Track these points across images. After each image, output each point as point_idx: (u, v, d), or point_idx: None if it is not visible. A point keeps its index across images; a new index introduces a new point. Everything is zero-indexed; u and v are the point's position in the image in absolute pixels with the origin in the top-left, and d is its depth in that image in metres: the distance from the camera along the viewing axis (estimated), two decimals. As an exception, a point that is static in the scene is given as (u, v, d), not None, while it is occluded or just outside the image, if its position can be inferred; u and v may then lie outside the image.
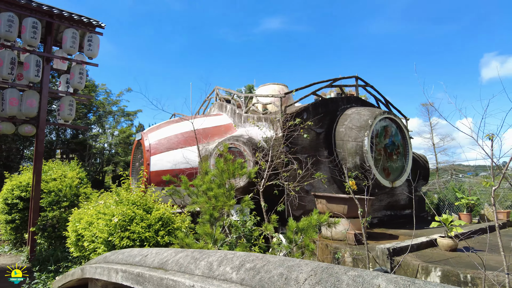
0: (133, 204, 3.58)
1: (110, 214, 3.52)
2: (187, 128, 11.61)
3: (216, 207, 3.53)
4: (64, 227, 6.04)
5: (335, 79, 11.26)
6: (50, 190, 6.77)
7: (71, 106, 6.55)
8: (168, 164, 10.64)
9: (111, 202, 3.74)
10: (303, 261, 1.35)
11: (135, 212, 3.48)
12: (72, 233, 3.96)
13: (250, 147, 9.01)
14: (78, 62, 6.64)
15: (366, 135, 9.83)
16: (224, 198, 3.60)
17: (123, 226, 3.39)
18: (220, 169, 3.73)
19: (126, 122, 21.36)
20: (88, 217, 3.79)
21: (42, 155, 6.27)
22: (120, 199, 3.70)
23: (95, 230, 3.52)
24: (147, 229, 3.38)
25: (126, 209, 3.45)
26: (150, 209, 3.59)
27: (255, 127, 10.63)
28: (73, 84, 6.48)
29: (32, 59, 6.04)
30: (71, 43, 6.29)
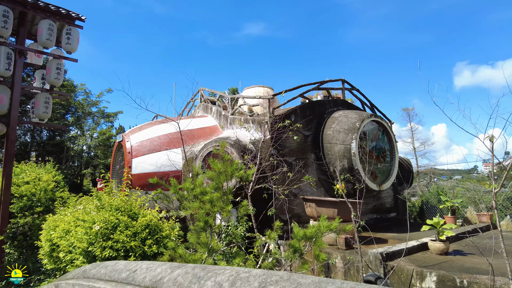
0: (117, 210, 3.20)
1: (90, 221, 3.14)
2: (170, 129, 11.20)
3: (212, 212, 3.21)
4: (37, 235, 5.55)
5: (322, 82, 11.15)
6: (22, 194, 6.25)
7: (47, 104, 6.08)
8: (151, 166, 10.19)
9: (92, 208, 3.35)
10: (342, 282, 1.08)
11: (119, 218, 3.11)
12: (45, 242, 3.54)
13: (238, 149, 8.72)
14: (55, 56, 6.19)
15: (354, 138, 9.73)
16: (220, 202, 3.29)
17: (105, 234, 3.02)
18: (217, 171, 3.42)
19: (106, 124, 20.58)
20: (65, 224, 3.38)
21: (13, 157, 5.77)
22: (101, 204, 3.31)
23: (72, 239, 3.14)
24: (133, 237, 3.01)
25: (109, 215, 3.07)
26: (136, 215, 3.22)
27: (242, 129, 10.35)
28: (49, 80, 6.02)
29: (2, 51, 5.55)
30: (47, 35, 5.84)
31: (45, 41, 5.76)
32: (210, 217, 3.17)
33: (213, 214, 3.25)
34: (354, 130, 9.82)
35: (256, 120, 9.85)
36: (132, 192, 3.91)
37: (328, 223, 3.16)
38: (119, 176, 11.49)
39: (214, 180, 3.48)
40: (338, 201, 7.97)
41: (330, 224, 3.10)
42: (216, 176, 3.46)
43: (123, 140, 10.84)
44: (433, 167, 27.09)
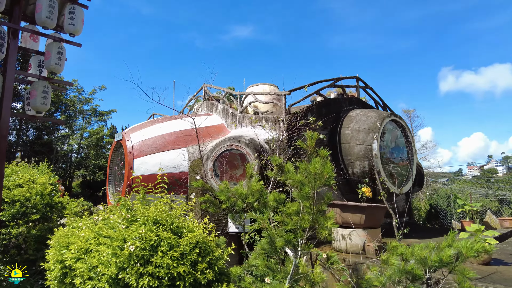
0: (155, 223, 2.42)
1: (119, 238, 2.35)
2: (174, 128, 10.36)
3: (303, 229, 2.46)
4: (33, 248, 4.68)
5: (337, 79, 10.52)
6: (14, 199, 5.34)
7: (46, 93, 5.22)
8: (154, 168, 9.32)
9: (118, 220, 2.55)
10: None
11: (160, 235, 2.33)
12: (55, 264, 2.71)
13: (254, 149, 7.97)
14: (56, 39, 5.34)
15: (375, 138, 9.10)
16: (315, 215, 2.53)
17: (143, 257, 2.24)
18: (313, 173, 2.65)
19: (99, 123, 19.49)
20: (82, 241, 2.58)
21: (4, 155, 4.89)
22: (132, 215, 2.52)
23: (94, 261, 2.35)
24: (180, 260, 2.24)
25: (146, 230, 2.30)
26: (180, 230, 2.44)
27: (252, 128, 9.60)
28: (49, 66, 5.17)
29: (-6, 30, 4.68)
30: (48, 13, 5.00)
31: (45, 19, 4.91)
32: (297, 234, 2.42)
33: (300, 231, 2.50)
34: (375, 129, 9.19)
35: (270, 118, 9.12)
36: (166, 198, 3.10)
37: (471, 242, 2.46)
38: (118, 178, 10.58)
39: (305, 186, 2.70)
40: (366, 206, 7.31)
41: (472, 244, 2.41)
42: (312, 180, 2.68)
43: (123, 139, 9.95)
44: (432, 170, 26.82)
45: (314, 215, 2.55)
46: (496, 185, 27.89)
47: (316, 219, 2.53)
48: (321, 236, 2.56)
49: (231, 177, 7.92)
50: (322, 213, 2.69)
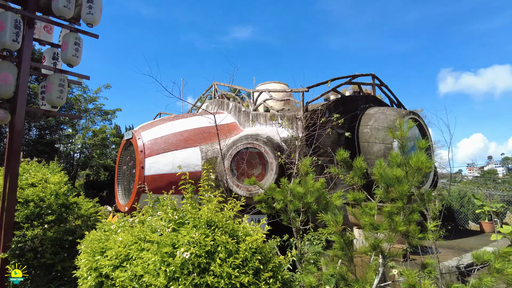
0: (209, 226, 2.11)
1: (167, 243, 2.04)
2: (186, 126, 10.06)
3: (392, 232, 2.15)
4: (50, 250, 4.36)
5: (353, 76, 10.22)
6: (27, 199, 5.03)
7: (62, 87, 4.92)
8: (166, 167, 9.02)
9: (161, 222, 2.24)
10: None
11: (217, 239, 2.02)
12: (88, 271, 2.39)
13: (272, 148, 7.66)
14: (73, 29, 5.03)
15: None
16: (407, 217, 2.21)
17: (199, 265, 1.93)
18: (414, 166, 2.33)
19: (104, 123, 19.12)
20: (120, 246, 2.27)
21: (19, 152, 4.59)
22: (180, 217, 2.21)
23: (138, 270, 2.04)
24: (242, 269, 1.94)
25: (199, 234, 1.99)
26: (235, 233, 2.13)
27: (266, 126, 9.30)
28: (66, 57, 4.86)
29: (9, 17, 4.38)
30: (65, 2, 4.69)
31: (62, 9, 4.61)
32: (378, 240, 2.15)
33: (391, 235, 2.20)
34: (394, 127, 8.89)
35: (287, 116, 8.82)
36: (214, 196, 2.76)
37: None
38: (127, 178, 10.26)
39: (399, 182, 2.39)
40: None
41: None
42: (412, 174, 2.36)
43: (133, 137, 9.64)
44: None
45: (406, 218, 2.23)
46: (503, 185, 27.58)
47: (409, 221, 2.21)
48: (413, 242, 2.25)
49: (249, 177, 7.61)
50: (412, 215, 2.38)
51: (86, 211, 5.43)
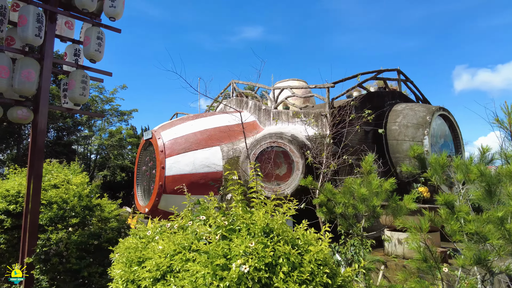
0: (266, 234, 1.82)
1: (218, 253, 1.77)
2: (206, 125, 9.82)
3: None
4: (75, 255, 4.14)
5: (379, 71, 9.79)
6: (50, 201, 4.85)
7: (85, 83, 4.71)
8: (187, 167, 8.80)
9: (207, 228, 1.96)
10: None
11: (278, 250, 1.74)
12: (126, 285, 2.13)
13: (298, 147, 7.33)
14: (96, 23, 4.81)
15: (425, 134, 8.37)
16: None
17: (259, 279, 1.65)
18: None
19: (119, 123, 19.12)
20: (161, 256, 2.01)
21: (42, 152, 4.40)
22: (231, 223, 1.92)
23: (186, 284, 1.77)
24: (308, 284, 1.65)
25: (257, 243, 1.70)
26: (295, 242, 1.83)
27: (289, 124, 8.98)
28: (88, 52, 4.65)
29: (31, 11, 4.19)
30: (88, -5, 4.47)
31: (85, 1, 4.40)
32: (485, 252, 1.84)
33: (504, 247, 1.89)
34: (425, 124, 8.45)
35: (311, 113, 8.47)
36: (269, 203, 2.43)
37: None
38: (146, 179, 10.09)
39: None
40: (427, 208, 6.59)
41: None
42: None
43: (153, 137, 9.45)
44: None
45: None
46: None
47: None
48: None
49: (274, 177, 7.31)
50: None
51: (109, 213, 5.22)
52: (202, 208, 2.41)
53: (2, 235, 4.78)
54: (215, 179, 8.91)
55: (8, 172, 6.18)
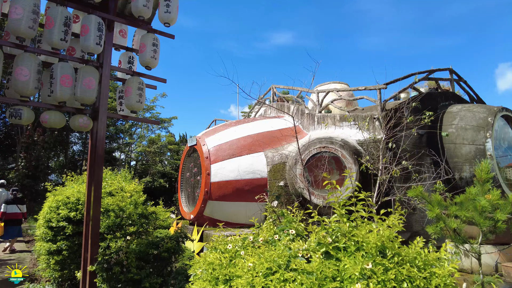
0: (382, 254, 1.58)
1: (325, 275, 1.55)
2: (249, 131, 9.69)
3: None
4: (135, 264, 4.07)
5: (430, 71, 9.22)
6: (107, 208, 4.85)
7: (141, 90, 4.70)
8: (232, 173, 8.68)
9: (302, 245, 1.74)
10: None
11: (402, 272, 1.50)
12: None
13: (350, 152, 6.97)
14: (150, 30, 4.79)
15: (488, 136, 7.70)
16: None
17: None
18: None
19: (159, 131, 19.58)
20: (252, 274, 1.82)
21: (102, 160, 4.39)
22: (335, 240, 1.69)
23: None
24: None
25: (374, 264, 1.46)
26: (414, 262, 1.58)
27: (337, 128, 8.62)
28: (144, 59, 4.63)
29: (93, 20, 4.22)
30: (144, 1, 4.47)
31: (142, 8, 4.37)
32: None
33: None
34: (486, 126, 7.79)
35: (361, 116, 8.08)
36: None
37: None
38: (191, 185, 10.09)
39: None
40: (499, 219, 6.00)
41: None
42: None
43: (197, 143, 9.45)
44: None
45: None
46: None
47: None
48: None
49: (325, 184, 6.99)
50: None
51: (164, 221, 5.16)
52: (288, 221, 2.19)
53: (64, 242, 4.84)
54: (260, 185, 8.72)
55: (66, 180, 6.32)
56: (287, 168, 7.86)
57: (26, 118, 4.11)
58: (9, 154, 21.99)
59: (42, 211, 5.35)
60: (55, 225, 4.88)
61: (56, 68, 4.16)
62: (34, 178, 16.04)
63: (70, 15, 4.17)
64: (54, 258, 4.88)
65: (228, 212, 8.70)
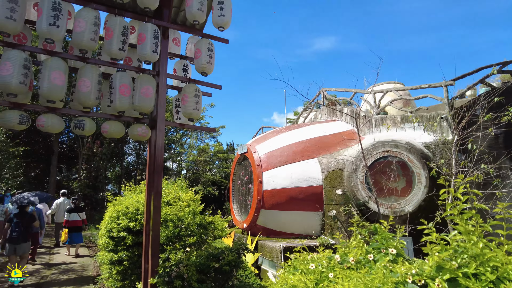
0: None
1: None
2: (301, 136, 9.34)
3: None
4: (196, 278, 3.88)
5: (504, 63, 8.22)
6: (166, 218, 4.77)
7: (197, 97, 4.59)
8: (284, 181, 8.36)
9: (412, 268, 1.41)
10: None
11: None
12: None
13: (418, 156, 6.33)
14: (205, 35, 4.67)
15: None
16: None
17: None
18: None
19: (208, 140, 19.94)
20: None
21: (161, 169, 4.30)
22: (463, 258, 1.32)
23: None
24: None
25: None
26: None
27: (398, 130, 7.95)
28: (200, 65, 4.52)
29: (149, 28, 4.18)
30: (199, 4, 4.36)
31: (196, 12, 4.26)
32: None
33: None
34: None
35: (425, 116, 7.37)
36: None
37: None
38: (242, 193, 9.93)
39: None
40: None
41: None
42: None
43: (248, 151, 9.28)
44: None
45: None
46: None
47: None
48: None
49: (389, 191, 6.41)
50: None
51: (222, 231, 4.97)
52: (383, 238, 1.82)
53: (125, 252, 4.84)
54: (314, 193, 8.30)
55: (124, 190, 6.43)
56: (345, 175, 7.37)
57: (88, 129, 4.14)
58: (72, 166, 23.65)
59: (103, 221, 5.44)
60: (116, 235, 4.90)
61: (115, 77, 4.16)
62: (94, 188, 16.99)
63: (127, 25, 4.17)
64: (116, 268, 4.89)
65: (282, 221, 8.37)
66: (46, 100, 3.79)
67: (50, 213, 11.70)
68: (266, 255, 7.45)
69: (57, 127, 3.98)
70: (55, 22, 3.60)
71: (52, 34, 3.62)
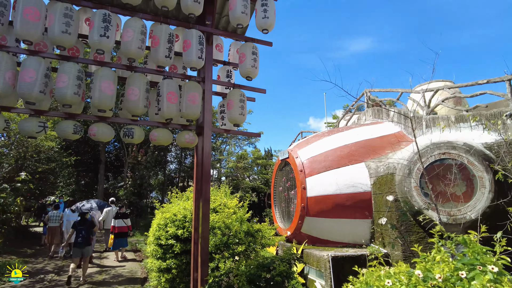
0: None
1: None
2: (345, 140, 8.97)
3: None
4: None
5: None
6: (213, 226, 4.69)
7: (242, 102, 4.51)
8: (330, 187, 8.03)
9: None
10: None
11: None
12: None
13: (479, 158, 5.79)
14: (249, 39, 4.58)
15: None
16: None
17: None
18: None
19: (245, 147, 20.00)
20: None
21: (209, 176, 4.24)
22: None
23: None
24: None
25: None
26: None
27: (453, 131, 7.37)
28: (245, 69, 4.43)
29: (194, 34, 4.17)
30: (242, 8, 4.30)
31: (240, 15, 4.19)
32: None
33: None
34: None
35: (484, 115, 6.76)
36: None
37: None
38: (284, 200, 9.71)
39: None
40: None
41: None
42: None
43: (289, 156, 9.07)
44: None
45: None
46: None
47: None
48: None
49: (447, 197, 5.90)
50: None
51: (270, 240, 4.81)
52: (475, 251, 1.56)
53: (173, 260, 4.83)
54: (363, 200, 7.89)
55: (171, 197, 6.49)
56: (396, 180, 6.92)
57: (137, 137, 4.18)
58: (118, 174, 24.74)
59: (151, 228, 5.50)
60: (164, 243, 4.91)
61: (162, 85, 4.18)
62: (139, 195, 17.61)
63: (172, 32, 4.18)
64: (165, 276, 4.89)
65: (328, 229, 8.03)
66: (97, 109, 3.87)
67: (101, 219, 12.29)
68: (312, 264, 7.16)
69: (107, 135, 4.06)
70: (105, 33, 3.68)
71: (103, 45, 3.71)
